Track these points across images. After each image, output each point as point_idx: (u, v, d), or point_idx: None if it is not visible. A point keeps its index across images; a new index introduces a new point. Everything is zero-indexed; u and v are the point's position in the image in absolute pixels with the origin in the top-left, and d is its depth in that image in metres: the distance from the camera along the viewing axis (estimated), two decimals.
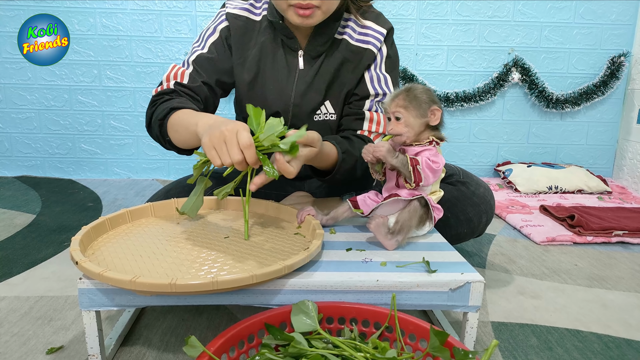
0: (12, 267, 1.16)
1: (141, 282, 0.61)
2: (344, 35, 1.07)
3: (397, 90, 0.85)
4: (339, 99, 1.08)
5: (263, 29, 1.06)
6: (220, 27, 1.06)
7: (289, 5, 0.93)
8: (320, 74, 1.05)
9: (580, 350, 0.85)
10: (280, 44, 1.05)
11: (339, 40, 1.07)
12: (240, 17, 1.06)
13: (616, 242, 1.47)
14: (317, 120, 1.08)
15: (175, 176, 2.30)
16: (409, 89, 0.83)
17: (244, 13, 1.06)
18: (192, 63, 1.03)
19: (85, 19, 2.11)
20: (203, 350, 0.57)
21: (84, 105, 2.21)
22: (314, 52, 1.05)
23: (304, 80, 1.05)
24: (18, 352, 0.80)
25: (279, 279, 0.68)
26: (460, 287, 0.70)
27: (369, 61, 1.07)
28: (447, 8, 2.19)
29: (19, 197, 1.85)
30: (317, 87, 1.05)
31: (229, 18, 1.06)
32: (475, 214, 1.06)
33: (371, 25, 1.07)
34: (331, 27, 1.03)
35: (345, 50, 1.06)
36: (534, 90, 2.22)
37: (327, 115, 1.09)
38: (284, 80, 1.05)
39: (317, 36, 1.03)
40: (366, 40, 1.07)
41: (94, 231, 0.80)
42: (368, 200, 0.90)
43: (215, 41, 1.05)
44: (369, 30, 1.07)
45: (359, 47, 1.06)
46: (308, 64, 1.06)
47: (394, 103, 0.83)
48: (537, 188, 2.04)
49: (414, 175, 0.80)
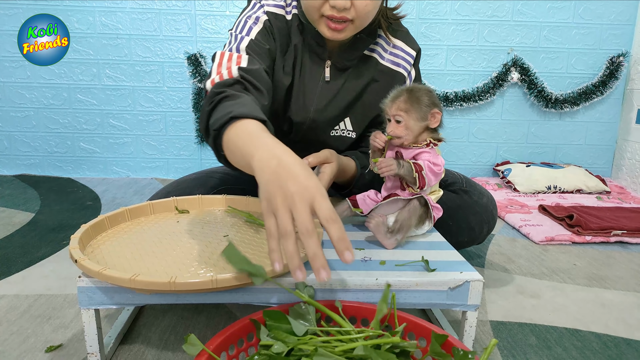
0: (11, 266, 1.16)
1: (141, 280, 0.61)
2: (373, 53, 1.01)
3: (398, 90, 0.83)
4: (361, 118, 1.04)
5: (295, 30, 0.97)
6: (262, 18, 0.95)
7: (321, 15, 0.86)
8: (345, 90, 1.00)
9: (579, 349, 0.86)
10: (308, 50, 0.98)
11: (368, 57, 1.01)
12: (278, 17, 0.97)
13: (615, 241, 1.47)
14: (333, 136, 1.04)
15: (174, 175, 2.30)
16: (411, 90, 0.82)
17: (280, 12, 0.97)
18: (245, 49, 0.90)
19: (84, 17, 2.11)
20: (202, 349, 0.57)
21: (83, 104, 2.20)
22: (341, 65, 0.99)
23: (327, 94, 1.00)
24: (17, 350, 0.80)
25: (279, 278, 0.68)
26: (459, 286, 0.71)
27: (399, 83, 1.01)
28: (447, 8, 2.19)
29: (18, 195, 1.84)
30: (339, 102, 1.00)
31: (269, 16, 0.96)
32: (476, 223, 1.06)
33: (401, 45, 1.02)
34: (363, 42, 0.97)
35: (374, 70, 1.01)
36: (533, 90, 2.23)
37: (345, 132, 1.04)
38: (309, 91, 0.99)
39: (349, 49, 0.97)
40: (397, 62, 1.02)
41: (93, 229, 0.80)
42: (367, 199, 0.90)
43: (260, 30, 0.94)
44: (399, 52, 1.02)
45: (390, 68, 1.01)
46: (334, 76, 1.00)
47: (394, 105, 0.82)
48: (536, 188, 2.05)
49: (419, 181, 0.81)
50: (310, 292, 0.67)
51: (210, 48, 2.17)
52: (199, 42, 2.17)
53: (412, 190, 0.83)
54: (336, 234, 0.55)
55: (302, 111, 1.01)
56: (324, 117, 1.01)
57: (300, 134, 1.05)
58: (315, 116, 1.01)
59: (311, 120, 1.01)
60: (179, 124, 2.25)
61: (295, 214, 0.55)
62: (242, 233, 0.85)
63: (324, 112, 1.01)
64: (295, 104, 1.00)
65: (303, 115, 1.01)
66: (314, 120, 1.01)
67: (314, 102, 1.00)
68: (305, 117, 1.01)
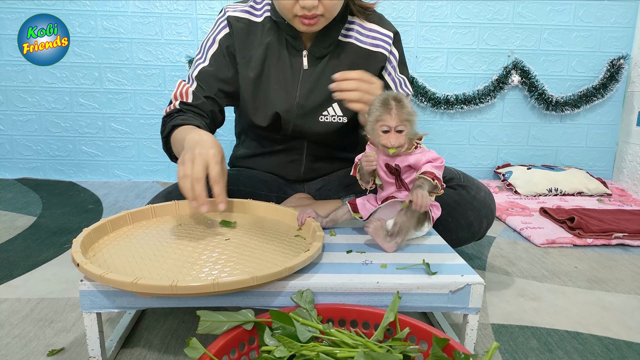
0: (13, 269, 1.16)
1: (142, 284, 0.61)
2: (350, 38, 1.07)
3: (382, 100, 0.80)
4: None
5: (267, 30, 1.06)
6: (219, 37, 1.07)
7: (295, 15, 0.95)
8: (326, 75, 1.05)
9: (580, 352, 0.86)
10: (285, 44, 1.06)
11: (345, 42, 1.07)
12: (242, 20, 1.07)
13: (616, 244, 1.47)
14: (322, 122, 1.09)
15: (175, 178, 2.29)
16: (400, 100, 0.79)
17: (245, 15, 1.07)
18: (195, 79, 1.07)
19: (86, 21, 2.12)
20: (204, 352, 0.57)
21: (84, 107, 2.21)
22: (319, 53, 1.06)
23: (309, 81, 1.06)
24: (19, 354, 0.80)
25: (280, 281, 0.69)
26: (460, 289, 0.71)
27: (381, 64, 1.08)
28: (447, 11, 2.19)
29: (20, 199, 1.85)
30: (323, 88, 1.05)
31: (231, 21, 1.06)
32: (475, 218, 1.06)
33: (377, 28, 1.08)
34: (335, 29, 1.04)
35: (353, 53, 1.07)
36: (533, 92, 2.23)
37: (335, 117, 1.09)
38: (289, 81, 1.06)
39: (322, 37, 1.04)
40: (375, 44, 1.07)
41: (95, 233, 0.80)
42: (367, 204, 0.89)
43: (215, 52, 1.07)
44: (376, 34, 1.08)
45: (369, 50, 1.07)
46: (312, 64, 1.06)
47: (396, 117, 0.79)
48: (537, 190, 2.05)
49: (440, 183, 0.81)
50: (309, 297, 0.67)
51: None
52: None
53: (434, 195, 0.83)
54: (217, 191, 0.81)
55: (287, 99, 1.06)
56: (311, 103, 1.07)
57: (291, 125, 1.09)
58: (302, 101, 1.07)
59: (298, 105, 1.07)
60: None
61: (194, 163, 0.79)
62: (243, 236, 0.85)
63: (309, 98, 1.07)
64: (276, 94, 1.07)
65: (289, 102, 1.07)
66: (302, 105, 1.07)
67: (297, 88, 1.06)
68: (292, 103, 1.07)
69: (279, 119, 1.08)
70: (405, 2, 2.18)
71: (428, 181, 0.79)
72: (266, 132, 1.13)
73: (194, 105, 1.05)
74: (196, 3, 2.14)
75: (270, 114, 1.08)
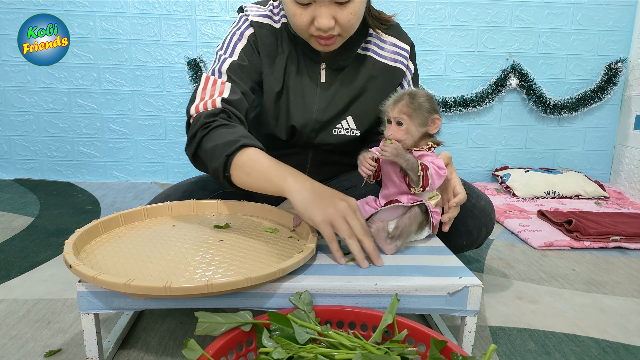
0: (10, 270, 1.16)
1: (136, 285, 0.60)
2: (368, 51, 1.05)
3: (400, 93, 0.83)
4: (363, 116, 1.05)
5: (285, 37, 1.02)
6: (247, 32, 1.01)
7: (311, 35, 0.92)
8: (343, 89, 1.03)
9: (577, 355, 0.86)
10: (302, 55, 1.02)
11: (364, 56, 1.04)
12: (264, 26, 1.01)
13: (613, 247, 1.47)
14: (335, 134, 1.06)
15: (174, 179, 2.30)
16: (413, 95, 0.82)
17: (267, 21, 1.02)
18: (227, 72, 0.97)
19: (85, 22, 2.12)
20: (202, 354, 0.57)
21: (83, 108, 2.21)
22: (336, 66, 1.03)
23: (326, 94, 1.03)
24: (16, 355, 0.80)
25: (274, 282, 0.69)
26: (458, 291, 0.71)
27: (399, 80, 1.06)
28: (446, 14, 2.20)
29: (18, 199, 1.84)
30: (339, 101, 1.03)
31: (254, 26, 1.01)
32: (475, 226, 1.06)
33: (395, 41, 1.06)
34: (355, 43, 1.01)
35: (372, 68, 1.04)
36: (531, 95, 2.24)
37: (349, 130, 1.06)
38: (307, 94, 1.03)
39: (342, 50, 1.00)
40: (394, 59, 1.05)
41: (87, 234, 0.80)
42: (366, 206, 0.89)
43: (244, 47, 1.00)
44: (395, 48, 1.05)
45: (388, 65, 1.05)
46: (330, 77, 1.03)
47: (396, 108, 0.81)
48: (535, 193, 2.05)
49: (423, 180, 0.80)
50: (307, 298, 0.67)
51: (210, 53, 2.18)
52: (199, 47, 2.18)
53: (414, 191, 0.82)
54: (370, 247, 0.76)
55: (304, 114, 1.03)
56: (326, 117, 1.04)
57: (305, 137, 1.06)
58: (318, 117, 1.03)
59: (315, 121, 1.04)
60: (179, 129, 2.25)
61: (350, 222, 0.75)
62: (237, 238, 0.85)
63: (325, 112, 1.03)
64: (295, 108, 1.03)
65: (307, 118, 1.03)
66: (318, 121, 1.04)
67: (315, 103, 1.03)
68: (309, 118, 1.03)
69: (294, 131, 1.05)
70: (404, 5, 2.19)
71: (416, 165, 0.79)
72: (278, 140, 1.09)
73: (235, 104, 0.93)
74: (195, 4, 2.14)
75: (288, 126, 1.04)
